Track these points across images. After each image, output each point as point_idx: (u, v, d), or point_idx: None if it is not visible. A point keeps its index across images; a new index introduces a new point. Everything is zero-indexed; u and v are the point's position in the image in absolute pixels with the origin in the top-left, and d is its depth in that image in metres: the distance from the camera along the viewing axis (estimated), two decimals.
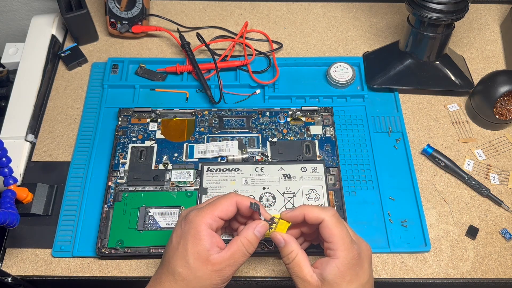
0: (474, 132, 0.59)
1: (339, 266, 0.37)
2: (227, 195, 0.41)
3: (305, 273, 0.38)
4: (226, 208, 0.39)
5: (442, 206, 0.53)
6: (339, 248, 0.38)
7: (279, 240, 0.40)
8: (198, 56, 0.65)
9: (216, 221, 0.39)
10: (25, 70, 0.61)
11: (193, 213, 0.39)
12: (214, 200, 0.41)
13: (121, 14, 0.64)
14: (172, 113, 0.58)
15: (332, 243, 0.38)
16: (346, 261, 0.37)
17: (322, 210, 0.39)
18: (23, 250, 0.50)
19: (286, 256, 0.39)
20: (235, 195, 0.41)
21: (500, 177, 0.55)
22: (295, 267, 0.38)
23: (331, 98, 0.61)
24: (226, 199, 0.40)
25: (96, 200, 0.53)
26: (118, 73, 0.63)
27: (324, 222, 0.39)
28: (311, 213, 0.39)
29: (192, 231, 0.38)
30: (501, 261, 0.50)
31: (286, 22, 0.70)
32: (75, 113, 0.60)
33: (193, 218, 0.38)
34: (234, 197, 0.40)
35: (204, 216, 0.38)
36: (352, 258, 0.38)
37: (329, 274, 0.37)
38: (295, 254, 0.39)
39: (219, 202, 0.40)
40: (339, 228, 0.38)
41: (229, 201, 0.40)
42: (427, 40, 0.57)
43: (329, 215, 0.39)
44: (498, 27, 0.70)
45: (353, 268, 0.38)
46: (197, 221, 0.38)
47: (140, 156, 0.55)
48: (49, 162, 0.56)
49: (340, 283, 0.37)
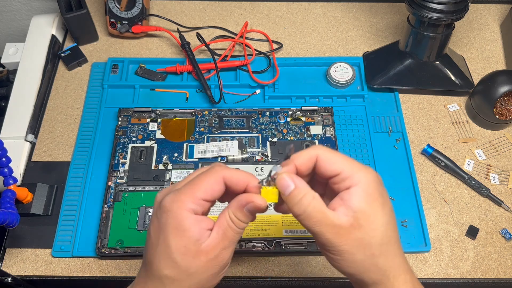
0: (474, 132, 0.59)
1: (366, 188, 0.30)
2: (210, 169, 0.32)
3: (331, 216, 0.29)
4: (211, 187, 0.31)
5: (442, 206, 0.53)
6: (355, 170, 0.30)
7: (285, 183, 0.30)
8: (198, 56, 0.65)
9: (200, 204, 0.30)
10: (25, 70, 0.61)
11: (169, 198, 0.30)
12: (195, 177, 0.32)
13: (121, 14, 0.64)
14: (172, 113, 0.58)
15: (343, 170, 0.30)
16: (370, 179, 0.30)
17: (309, 148, 0.32)
18: (23, 250, 0.50)
19: (297, 203, 0.30)
20: (222, 168, 0.31)
21: (500, 177, 0.55)
22: (315, 213, 0.29)
23: (331, 98, 0.61)
24: (210, 175, 0.31)
25: (96, 200, 0.52)
26: (118, 73, 0.63)
27: (320, 157, 0.31)
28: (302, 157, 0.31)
29: (172, 223, 0.30)
30: (501, 261, 0.50)
31: (286, 22, 0.70)
32: (75, 113, 0.60)
33: (170, 205, 0.30)
34: (220, 172, 0.31)
35: (184, 201, 0.30)
36: (373, 175, 0.31)
37: (359, 202, 0.29)
38: (311, 197, 0.30)
39: (201, 180, 0.31)
40: (339, 154, 0.32)
41: (214, 178, 0.31)
42: (427, 40, 0.57)
43: (320, 148, 0.32)
44: (498, 27, 0.70)
45: (380, 188, 0.31)
46: (175, 208, 0.30)
47: (140, 156, 0.55)
48: (49, 162, 0.56)
49: (376, 209, 0.30)
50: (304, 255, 0.50)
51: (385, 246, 0.30)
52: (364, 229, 0.29)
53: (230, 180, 0.31)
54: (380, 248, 0.30)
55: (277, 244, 0.49)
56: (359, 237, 0.29)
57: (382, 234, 0.30)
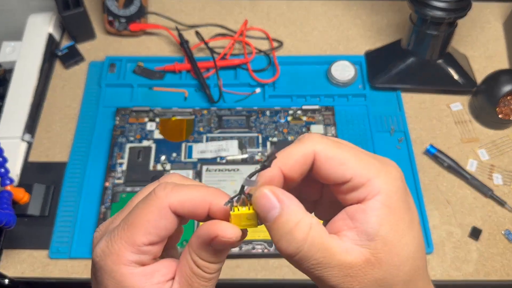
0: (477, 132, 0.58)
1: (389, 202, 0.20)
2: (150, 197, 0.22)
3: (338, 252, 0.20)
4: (154, 225, 0.21)
5: (445, 207, 0.53)
6: (372, 173, 0.21)
7: (267, 202, 0.20)
8: (197, 54, 0.64)
9: (144, 252, 0.21)
10: (22, 69, 0.60)
11: (100, 249, 0.21)
12: (132, 210, 0.22)
13: (119, 12, 0.64)
14: (171, 113, 0.58)
15: (355, 175, 0.21)
16: (395, 187, 0.21)
17: (301, 142, 0.22)
18: (20, 251, 0.50)
19: (287, 236, 0.20)
20: (166, 193, 0.21)
21: (503, 178, 0.54)
22: (315, 251, 0.20)
23: (332, 97, 0.60)
24: (150, 207, 0.21)
25: (93, 200, 0.52)
26: (116, 72, 0.62)
27: (318, 156, 0.21)
28: (291, 157, 0.21)
29: (111, 284, 0.21)
30: (504, 263, 0.49)
31: (286, 20, 0.69)
32: (72, 112, 0.59)
33: (104, 263, 0.21)
34: (163, 200, 0.21)
35: (120, 253, 0.21)
36: (397, 178, 0.21)
37: (379, 225, 0.20)
38: (308, 226, 0.20)
39: (139, 217, 0.21)
40: (347, 148, 0.21)
41: (157, 211, 0.21)
42: (430, 39, 0.56)
43: (318, 141, 0.21)
44: (501, 25, 0.69)
45: (406, 196, 0.21)
46: (109, 264, 0.21)
47: (138, 156, 0.54)
48: (45, 162, 0.55)
49: (402, 234, 0.20)
50: None
51: (413, 283, 0.21)
52: (384, 266, 0.20)
53: (181, 207, 0.21)
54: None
55: None
56: (378, 278, 0.20)
57: (409, 269, 0.21)
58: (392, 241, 0.20)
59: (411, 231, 0.21)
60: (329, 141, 0.22)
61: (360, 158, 0.21)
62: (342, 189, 0.21)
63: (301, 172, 0.22)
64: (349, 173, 0.21)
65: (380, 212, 0.20)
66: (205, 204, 0.22)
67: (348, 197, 0.21)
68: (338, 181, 0.21)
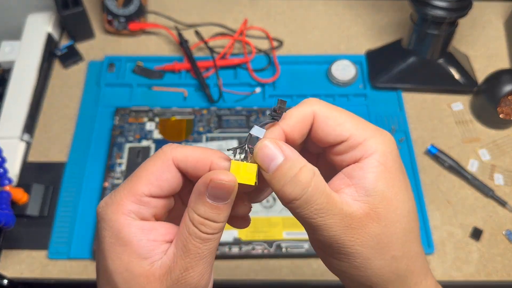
0: (478, 132, 0.58)
1: (384, 160, 0.21)
2: (157, 153, 0.23)
3: (338, 201, 0.21)
4: (158, 176, 0.22)
5: (445, 207, 0.52)
6: (368, 133, 0.22)
7: (269, 152, 0.21)
8: (196, 54, 0.64)
9: (145, 203, 0.22)
10: (21, 69, 0.60)
11: (104, 201, 0.22)
12: (139, 167, 0.23)
13: (118, 11, 0.63)
14: (170, 112, 0.57)
15: (352, 134, 0.22)
16: (390, 147, 0.22)
17: (301, 105, 0.23)
18: (19, 252, 0.49)
19: (291, 182, 0.20)
20: (172, 148, 0.22)
21: (504, 178, 0.54)
22: (319, 196, 0.20)
23: (333, 97, 0.60)
24: (155, 160, 0.22)
25: (92, 201, 0.52)
26: (115, 71, 0.62)
27: (318, 116, 0.22)
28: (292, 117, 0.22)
29: (107, 235, 0.21)
30: (505, 263, 0.49)
31: (286, 19, 0.69)
32: (71, 112, 0.59)
33: (105, 212, 0.22)
34: (168, 153, 0.22)
35: (121, 201, 0.21)
36: (392, 141, 0.22)
37: (376, 181, 0.21)
38: (311, 172, 0.21)
39: (143, 169, 0.22)
40: (345, 112, 0.23)
41: (161, 163, 0.22)
42: (430, 38, 0.56)
43: (316, 103, 0.23)
44: (502, 25, 0.69)
45: (398, 159, 0.22)
46: (109, 213, 0.21)
47: (137, 156, 0.54)
48: (44, 162, 0.55)
49: (398, 191, 0.21)
50: (305, 257, 0.49)
51: (408, 244, 0.22)
52: (383, 221, 0.21)
53: (184, 161, 0.22)
54: (402, 249, 0.22)
55: (277, 246, 0.48)
56: (377, 233, 0.21)
57: (405, 227, 0.21)
58: (389, 196, 0.21)
59: (405, 190, 0.22)
60: (328, 104, 0.23)
61: (357, 120, 0.23)
62: (338, 149, 0.22)
63: (302, 133, 0.23)
64: (346, 132, 0.22)
65: (377, 169, 0.21)
66: (207, 161, 0.23)
67: (344, 157, 0.22)
68: (336, 140, 0.22)
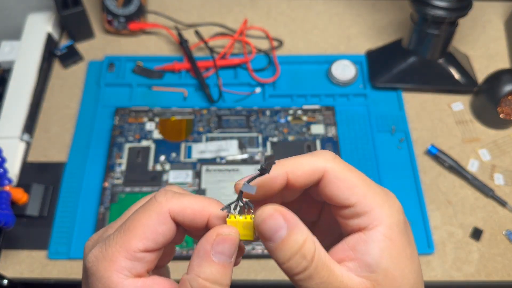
0: (478, 132, 0.58)
1: (390, 234, 0.21)
2: (150, 202, 0.21)
3: (339, 276, 0.20)
4: (153, 230, 0.21)
5: (446, 207, 0.52)
6: (376, 203, 0.21)
7: (275, 223, 0.20)
8: (196, 53, 0.64)
9: (139, 259, 0.21)
10: (20, 69, 0.60)
11: (93, 254, 0.21)
12: (130, 216, 0.22)
13: (118, 11, 0.63)
14: (170, 112, 0.57)
15: (359, 202, 0.21)
16: (396, 218, 0.21)
17: (314, 156, 0.22)
18: (18, 252, 0.49)
19: (295, 255, 0.20)
20: (167, 198, 0.21)
21: (505, 178, 0.54)
22: (321, 269, 0.20)
23: (333, 96, 0.60)
24: (150, 211, 0.21)
25: (92, 201, 0.52)
26: (115, 71, 0.62)
27: (328, 174, 0.21)
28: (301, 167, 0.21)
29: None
30: (505, 263, 0.49)
31: (286, 18, 0.69)
32: (71, 112, 0.59)
33: (96, 268, 0.21)
34: (164, 205, 0.21)
35: (114, 258, 0.20)
36: (399, 210, 0.22)
37: (380, 257, 0.20)
38: (313, 243, 0.20)
39: (137, 221, 0.21)
40: (357, 174, 0.22)
41: (156, 216, 0.21)
42: (431, 38, 0.56)
43: (331, 159, 0.22)
44: (502, 24, 0.69)
45: (406, 228, 0.22)
46: (101, 270, 0.20)
47: (137, 156, 0.54)
48: (44, 162, 0.55)
49: (403, 266, 0.21)
50: None
51: None
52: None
53: (182, 214, 0.21)
54: None
55: None
56: None
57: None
58: (393, 273, 0.20)
59: (411, 264, 0.21)
60: (341, 163, 0.22)
61: (367, 186, 0.21)
62: (344, 213, 0.22)
63: (305, 184, 0.22)
64: (354, 198, 0.21)
65: (382, 244, 0.20)
66: (205, 213, 0.21)
67: (349, 222, 0.21)
68: (341, 204, 0.21)
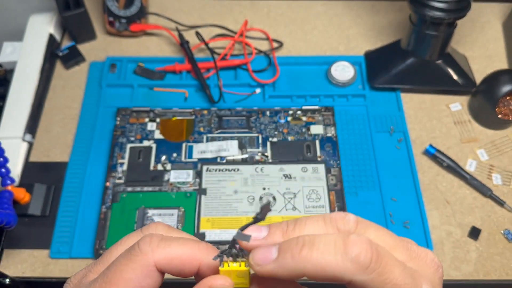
0: (476, 132, 0.58)
1: None
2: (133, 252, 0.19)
3: None
4: (138, 284, 0.19)
5: (444, 207, 0.53)
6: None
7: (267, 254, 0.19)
8: (197, 55, 0.64)
9: None
10: (23, 70, 0.60)
11: None
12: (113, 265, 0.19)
13: (119, 12, 0.64)
14: (171, 113, 0.58)
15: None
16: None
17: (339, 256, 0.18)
18: (20, 251, 0.50)
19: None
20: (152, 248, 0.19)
21: (503, 178, 0.55)
22: None
23: (332, 97, 0.60)
24: (133, 264, 0.19)
25: (94, 200, 0.52)
26: (116, 72, 0.62)
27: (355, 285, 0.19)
28: (322, 269, 0.18)
29: None
30: (503, 262, 0.49)
31: (286, 19, 0.69)
32: (73, 112, 0.60)
33: None
34: (149, 256, 0.19)
35: None
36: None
37: None
38: None
39: (119, 274, 0.19)
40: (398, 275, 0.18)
41: (140, 269, 0.19)
42: (429, 39, 0.56)
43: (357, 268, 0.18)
44: (500, 25, 0.69)
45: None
46: None
47: (138, 156, 0.54)
48: (46, 162, 0.55)
49: None
50: None
51: None
52: None
53: (169, 265, 0.19)
54: None
55: None
56: None
57: None
58: None
59: None
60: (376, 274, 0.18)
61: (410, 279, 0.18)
62: None
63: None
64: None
65: None
66: (195, 262, 0.19)
67: None
68: None
